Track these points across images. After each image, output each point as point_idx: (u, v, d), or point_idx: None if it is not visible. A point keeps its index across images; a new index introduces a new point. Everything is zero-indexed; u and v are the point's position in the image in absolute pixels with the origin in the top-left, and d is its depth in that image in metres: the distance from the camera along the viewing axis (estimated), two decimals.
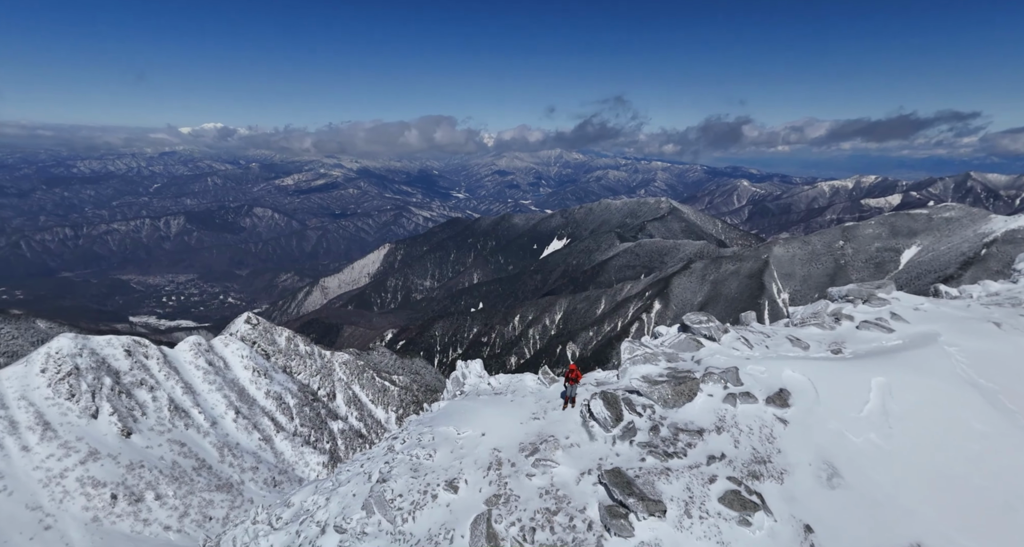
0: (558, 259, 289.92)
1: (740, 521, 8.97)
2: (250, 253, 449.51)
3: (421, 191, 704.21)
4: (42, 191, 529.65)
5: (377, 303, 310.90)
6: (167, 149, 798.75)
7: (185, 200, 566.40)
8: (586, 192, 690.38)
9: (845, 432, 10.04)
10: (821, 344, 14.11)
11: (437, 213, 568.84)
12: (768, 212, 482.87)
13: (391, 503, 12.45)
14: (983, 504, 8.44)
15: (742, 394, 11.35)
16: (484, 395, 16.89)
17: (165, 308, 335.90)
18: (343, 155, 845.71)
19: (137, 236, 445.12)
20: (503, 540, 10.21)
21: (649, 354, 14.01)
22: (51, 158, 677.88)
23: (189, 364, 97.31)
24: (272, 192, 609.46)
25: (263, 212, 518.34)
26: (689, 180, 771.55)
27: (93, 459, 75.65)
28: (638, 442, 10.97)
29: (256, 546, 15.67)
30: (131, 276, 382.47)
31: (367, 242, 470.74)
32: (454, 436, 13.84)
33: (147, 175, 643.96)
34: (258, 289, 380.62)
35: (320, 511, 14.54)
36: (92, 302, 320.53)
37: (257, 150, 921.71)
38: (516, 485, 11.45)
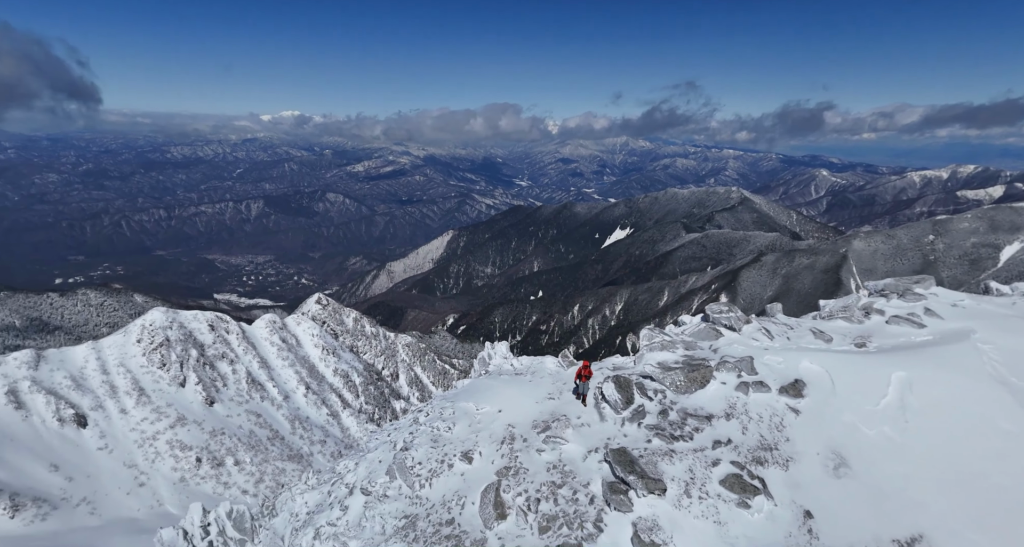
0: (620, 249, 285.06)
1: (739, 503, 9.17)
2: (323, 237, 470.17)
3: (485, 179, 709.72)
4: (140, 174, 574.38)
5: (440, 288, 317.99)
6: (249, 136, 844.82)
7: (264, 185, 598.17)
8: (651, 181, 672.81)
9: (858, 424, 9.98)
10: (845, 337, 13.90)
11: (500, 201, 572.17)
12: (849, 204, 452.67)
13: (411, 470, 13.47)
14: (1000, 502, 8.19)
15: (755, 383, 11.42)
16: (505, 375, 17.63)
17: (245, 287, 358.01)
18: (411, 142, 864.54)
19: (221, 218, 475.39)
20: (509, 508, 11.01)
21: (667, 342, 14.16)
22: (148, 144, 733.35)
23: (265, 340, 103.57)
24: (344, 178, 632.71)
25: (335, 197, 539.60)
26: (763, 169, 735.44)
27: (181, 424, 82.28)
28: (646, 425, 11.33)
29: (293, 502, 17.32)
30: (216, 256, 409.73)
31: (432, 228, 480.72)
32: (473, 411, 14.77)
33: (231, 160, 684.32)
34: (329, 271, 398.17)
35: (349, 474, 15.95)
36: (182, 279, 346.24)
37: (330, 137, 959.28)
38: (526, 459, 12.21)
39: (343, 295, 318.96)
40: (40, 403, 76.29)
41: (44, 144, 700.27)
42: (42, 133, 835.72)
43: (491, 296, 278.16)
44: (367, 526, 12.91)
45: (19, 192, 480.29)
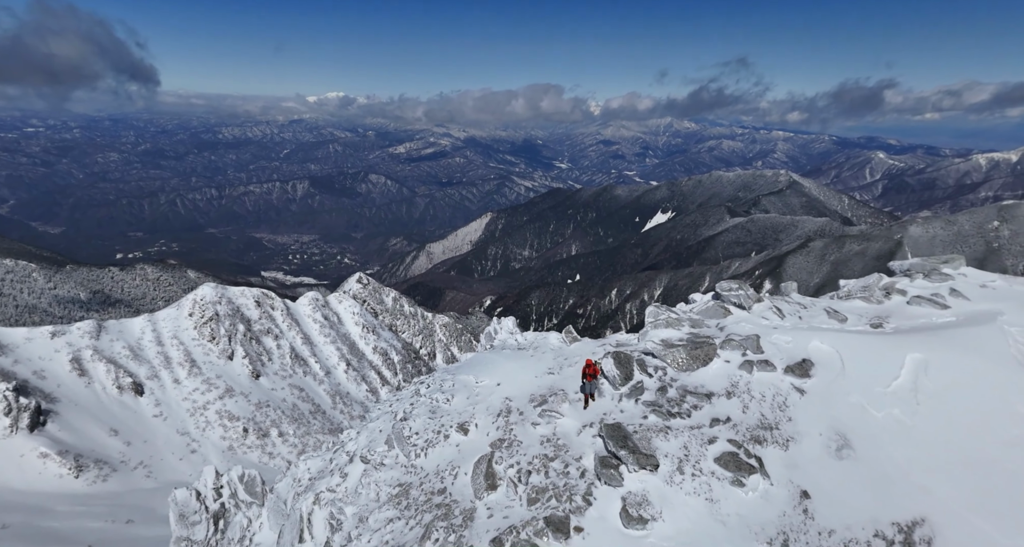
0: (661, 233, 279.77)
1: (733, 482, 9.03)
2: (365, 217, 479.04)
3: (524, 161, 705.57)
4: (194, 155, 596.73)
5: (477, 270, 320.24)
6: (295, 117, 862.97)
7: (310, 165, 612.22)
8: (696, 163, 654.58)
9: (866, 406, 9.63)
10: (861, 318, 13.36)
11: (539, 183, 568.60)
12: (906, 188, 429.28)
13: (408, 440, 13.82)
14: (1010, 488, 7.86)
15: (760, 362, 11.12)
16: (509, 350, 17.69)
17: (291, 265, 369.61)
18: (451, 124, 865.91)
19: (269, 198, 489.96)
20: (500, 479, 11.15)
21: (673, 319, 13.89)
22: (201, 125, 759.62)
23: (308, 317, 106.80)
24: (386, 159, 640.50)
25: (377, 178, 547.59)
26: (814, 151, 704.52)
27: (229, 396, 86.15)
28: (643, 401, 11.20)
29: (297, 467, 18.27)
30: (263, 234, 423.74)
31: (471, 210, 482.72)
32: (472, 384, 14.93)
33: (278, 141, 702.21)
34: (371, 251, 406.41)
35: (351, 443, 16.56)
36: (231, 256, 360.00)
37: (374, 118, 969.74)
38: (521, 432, 12.30)
39: (384, 275, 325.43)
40: (101, 371, 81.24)
41: (106, 124, 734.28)
42: (105, 113, 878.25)
43: (528, 279, 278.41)
44: (363, 493, 13.36)
45: (84, 170, 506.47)
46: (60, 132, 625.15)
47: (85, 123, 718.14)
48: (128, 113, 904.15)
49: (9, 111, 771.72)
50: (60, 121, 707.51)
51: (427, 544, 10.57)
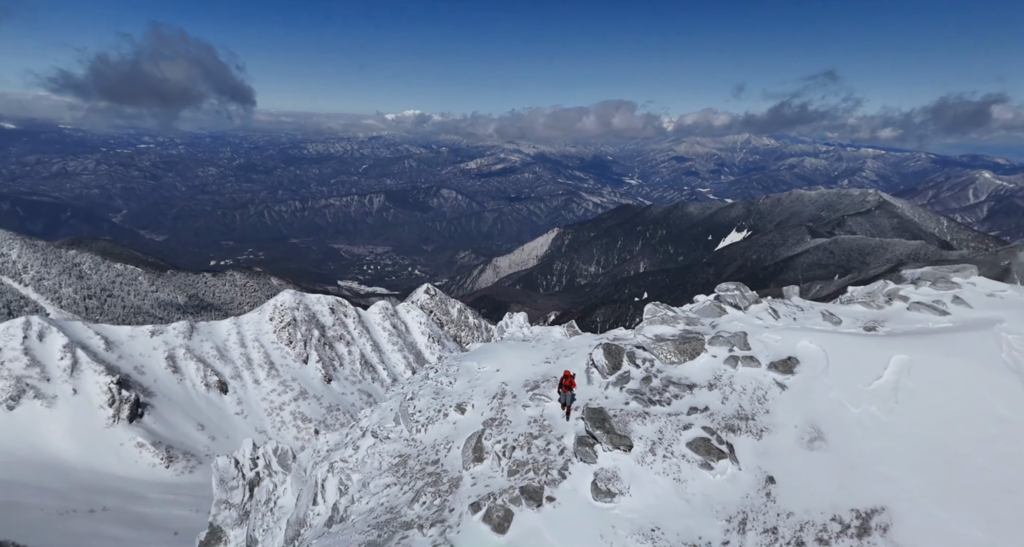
0: (735, 252, 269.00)
1: (702, 465, 9.54)
2: (435, 230, 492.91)
3: (593, 177, 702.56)
4: (281, 169, 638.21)
5: (543, 285, 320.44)
6: (374, 134, 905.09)
7: (386, 180, 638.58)
8: (775, 181, 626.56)
9: (844, 402, 9.91)
10: (857, 321, 13.59)
11: (607, 199, 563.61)
12: (1017, 210, 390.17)
13: (412, 417, 15.53)
14: (977, 483, 8.00)
15: (745, 357, 11.51)
16: (515, 341, 19.03)
17: (365, 275, 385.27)
18: (522, 140, 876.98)
19: (347, 211, 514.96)
20: (487, 453, 12.39)
21: (669, 316, 14.49)
22: (289, 141, 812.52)
23: (378, 325, 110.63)
24: (457, 175, 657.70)
25: (448, 193, 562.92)
26: (908, 170, 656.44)
27: (303, 398, 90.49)
28: (628, 389, 11.88)
29: (317, 440, 20.53)
30: (341, 245, 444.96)
31: (538, 225, 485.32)
32: (475, 369, 16.50)
33: (358, 157, 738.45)
34: (440, 264, 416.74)
35: (365, 419, 18.64)
36: (311, 266, 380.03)
37: (447, 135, 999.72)
38: (512, 413, 13.59)
39: (451, 287, 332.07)
40: (192, 369, 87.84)
41: (207, 141, 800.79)
42: (206, 131, 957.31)
43: (594, 295, 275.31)
44: (368, 462, 15.03)
45: (186, 183, 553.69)
46: (168, 148, 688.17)
47: (189, 140, 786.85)
48: (226, 130, 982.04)
49: (126, 129, 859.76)
50: (168, 138, 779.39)
51: (415, 506, 11.90)
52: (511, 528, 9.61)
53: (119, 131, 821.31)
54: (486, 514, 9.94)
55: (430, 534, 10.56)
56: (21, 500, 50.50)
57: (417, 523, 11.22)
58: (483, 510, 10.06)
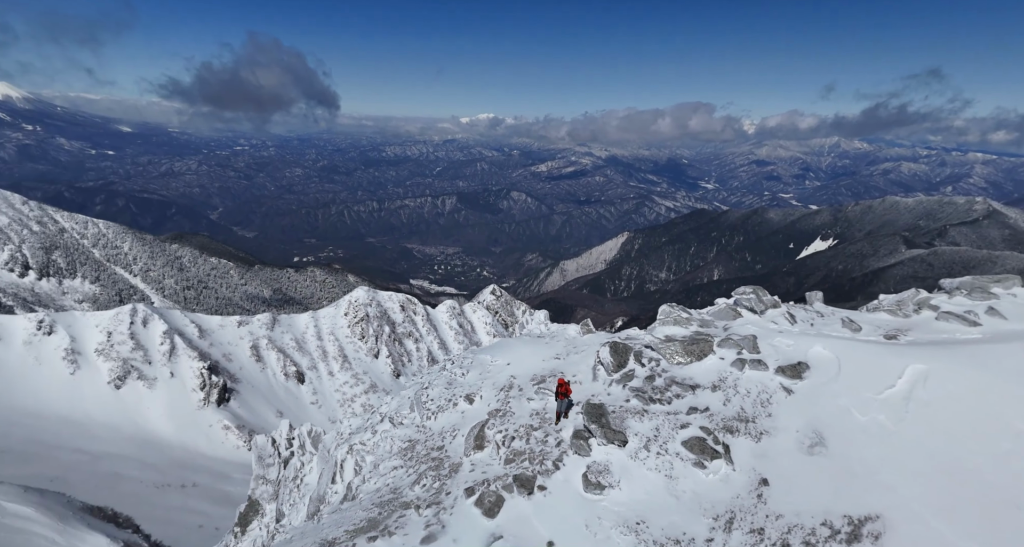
0: (819, 261, 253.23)
1: (696, 463, 9.61)
2: (504, 233, 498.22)
3: (667, 180, 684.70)
4: (361, 171, 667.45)
5: (610, 289, 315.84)
6: (449, 137, 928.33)
7: (458, 182, 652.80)
8: (866, 187, 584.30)
9: (852, 409, 9.59)
10: (878, 329, 12.92)
11: (681, 204, 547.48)
12: None
13: (424, 405, 16.58)
14: (985, 499, 7.58)
15: (753, 361, 11.27)
16: (530, 336, 19.74)
17: (435, 275, 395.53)
18: (594, 143, 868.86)
19: (421, 212, 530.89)
20: (488, 442, 13.05)
21: (682, 318, 14.46)
22: (369, 143, 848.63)
23: (445, 324, 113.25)
24: (527, 178, 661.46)
25: (518, 196, 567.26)
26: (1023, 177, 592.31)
27: (373, 391, 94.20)
28: (630, 387, 12.02)
29: (341, 424, 22.29)
30: (414, 245, 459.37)
31: (607, 229, 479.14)
32: (488, 363, 17.24)
33: (433, 159, 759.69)
34: (508, 266, 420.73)
35: (384, 406, 20.08)
36: (385, 264, 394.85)
37: (519, 138, 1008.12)
38: (516, 405, 14.18)
39: (518, 289, 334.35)
40: (273, 359, 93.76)
41: (295, 143, 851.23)
42: (294, 134, 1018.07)
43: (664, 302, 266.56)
44: (381, 445, 16.23)
45: (275, 183, 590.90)
46: (260, 150, 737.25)
47: (279, 142, 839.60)
48: (312, 133, 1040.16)
49: (224, 132, 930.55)
50: (260, 141, 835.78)
51: (416, 488, 12.72)
52: (501, 513, 10.08)
53: (219, 134, 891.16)
54: (479, 499, 10.50)
55: (425, 514, 11.28)
56: (125, 472, 55.96)
57: (415, 504, 11.95)
58: (476, 495, 10.66)
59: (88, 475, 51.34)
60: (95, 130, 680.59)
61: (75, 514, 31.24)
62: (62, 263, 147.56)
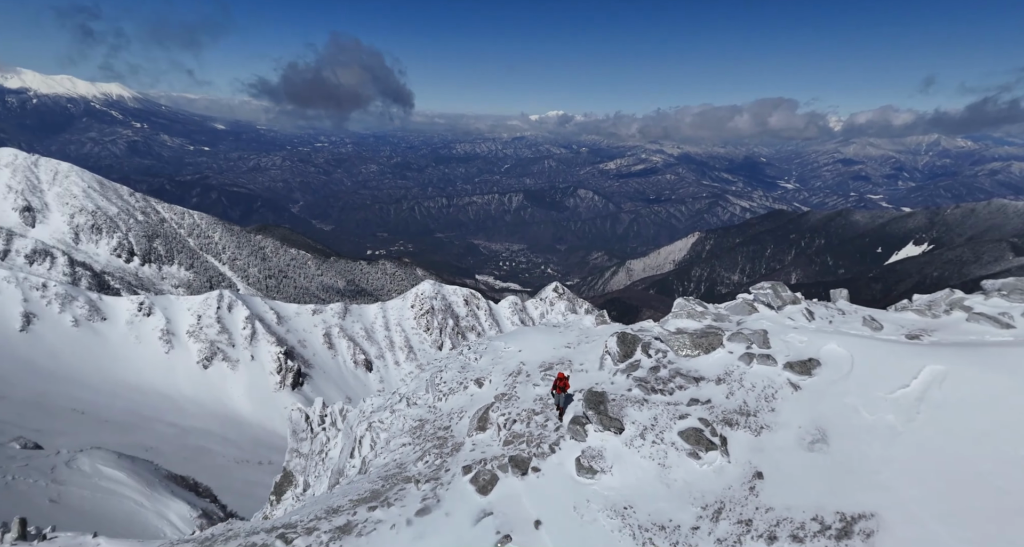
0: (911, 267, 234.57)
1: (691, 454, 9.59)
2: (570, 231, 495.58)
3: (743, 179, 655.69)
4: (432, 167, 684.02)
5: (679, 291, 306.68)
6: (518, 134, 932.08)
7: (525, 179, 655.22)
8: (969, 188, 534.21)
9: (860, 408, 9.26)
10: (902, 328, 12.35)
11: (757, 204, 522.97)
12: None
13: (437, 387, 17.45)
14: (990, 504, 7.19)
15: (762, 356, 11.05)
16: (547, 326, 20.16)
17: (500, 271, 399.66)
18: (665, 140, 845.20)
19: (488, 208, 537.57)
20: (490, 424, 13.63)
21: (696, 312, 14.23)
22: (440, 141, 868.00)
23: (507, 319, 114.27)
24: (595, 175, 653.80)
25: (585, 193, 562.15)
26: None
27: None
28: (634, 376, 12.08)
29: (363, 402, 23.68)
30: (480, 241, 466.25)
31: (677, 229, 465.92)
32: (501, 349, 17.90)
33: (501, 157, 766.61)
34: (572, 264, 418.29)
35: (403, 387, 21.67)
36: (452, 259, 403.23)
37: (588, 135, 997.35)
38: (521, 390, 14.76)
39: (582, 287, 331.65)
40: (344, 346, 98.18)
41: (371, 141, 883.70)
42: (370, 131, 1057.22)
43: None
44: (395, 424, 17.32)
45: (351, 179, 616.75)
46: (338, 147, 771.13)
47: (356, 139, 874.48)
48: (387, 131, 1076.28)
49: (306, 129, 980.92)
50: (339, 138, 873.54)
51: (419, 464, 13.51)
52: (494, 491, 10.58)
53: (301, 131, 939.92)
54: (474, 476, 11.07)
55: (423, 489, 12.01)
56: (210, 447, 60.61)
57: (416, 478, 12.67)
58: (472, 473, 11.22)
59: (178, 447, 56.04)
60: (194, 128, 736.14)
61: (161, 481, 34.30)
62: (162, 250, 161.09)
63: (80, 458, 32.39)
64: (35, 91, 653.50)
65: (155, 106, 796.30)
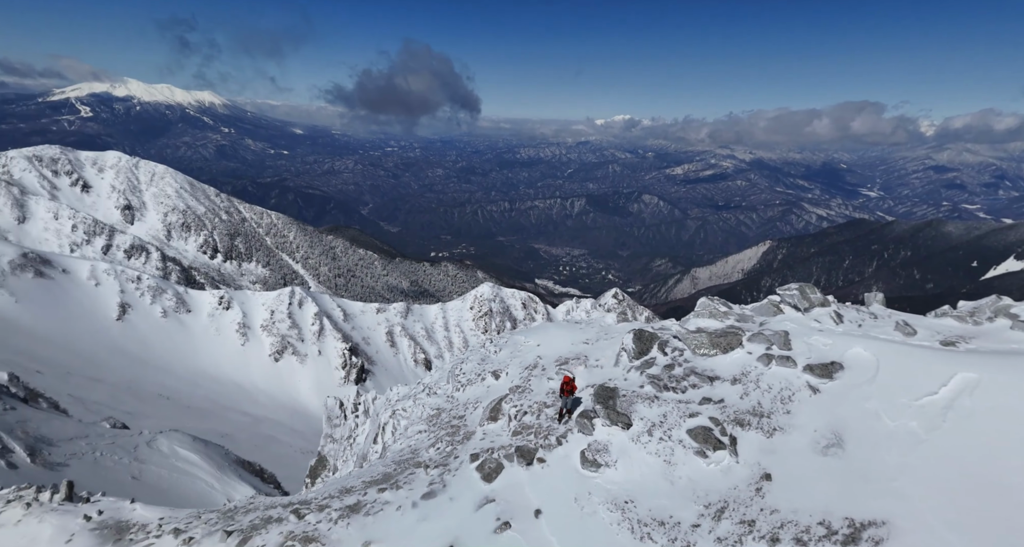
0: (1011, 284, 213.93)
1: (698, 452, 9.42)
2: (633, 236, 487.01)
3: (820, 186, 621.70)
4: (495, 172, 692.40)
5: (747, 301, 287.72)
6: (583, 139, 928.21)
7: (588, 184, 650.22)
8: None
9: (881, 414, 8.72)
10: (937, 334, 11.50)
11: (836, 212, 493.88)
12: None
13: (457, 378, 18.07)
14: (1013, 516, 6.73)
15: (781, 357, 10.65)
16: (568, 322, 20.42)
17: (560, 276, 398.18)
18: (737, 145, 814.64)
19: (549, 213, 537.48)
20: (502, 415, 13.97)
21: (719, 311, 13.94)
22: (504, 146, 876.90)
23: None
24: (661, 180, 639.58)
25: (650, 199, 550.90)
26: None
27: None
28: (648, 374, 12.00)
29: (390, 391, 25.20)
30: (541, 246, 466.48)
31: (746, 237, 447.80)
32: (521, 343, 18.33)
33: (564, 161, 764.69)
34: (634, 270, 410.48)
35: (427, 378, 22.52)
36: (512, 263, 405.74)
37: (655, 140, 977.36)
38: (536, 383, 15.02)
39: (644, 295, 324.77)
40: (405, 345, 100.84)
41: (438, 145, 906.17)
42: (437, 136, 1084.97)
43: None
44: (414, 412, 18.10)
45: (418, 182, 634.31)
46: (407, 151, 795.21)
47: (424, 144, 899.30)
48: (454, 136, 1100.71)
49: (378, 134, 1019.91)
50: (408, 143, 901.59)
51: (431, 450, 13.99)
52: (498, 479, 10.84)
53: (372, 136, 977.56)
54: (480, 464, 11.36)
55: (432, 474, 12.48)
56: (279, 437, 63.91)
57: (426, 464, 13.16)
58: (479, 461, 11.53)
59: (250, 435, 59.45)
60: (275, 132, 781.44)
61: (230, 465, 36.46)
62: (242, 248, 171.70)
63: (160, 439, 35.02)
64: (139, 99, 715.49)
65: (242, 112, 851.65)
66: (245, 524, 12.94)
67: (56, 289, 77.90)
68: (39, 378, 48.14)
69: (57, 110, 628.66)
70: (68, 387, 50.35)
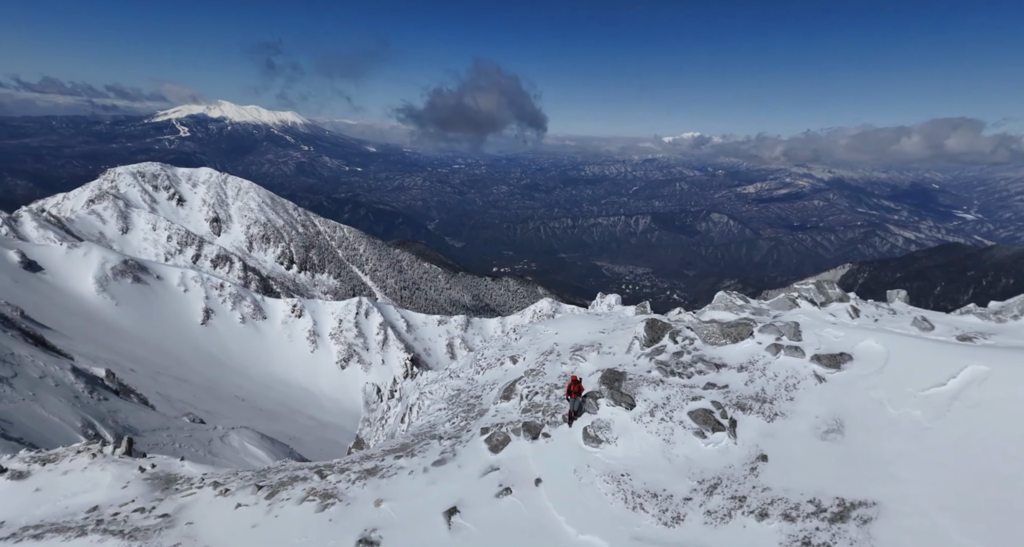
0: None
1: (697, 433, 9.72)
2: (700, 256, 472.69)
3: (908, 207, 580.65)
4: (559, 189, 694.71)
5: None
6: (649, 156, 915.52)
7: (654, 202, 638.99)
8: None
9: (885, 402, 8.74)
10: (956, 330, 11.53)
11: (926, 235, 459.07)
12: None
13: (478, 362, 19.89)
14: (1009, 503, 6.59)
15: (790, 347, 10.75)
16: (589, 315, 21.48)
17: (623, 294, 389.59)
18: (814, 164, 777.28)
19: (613, 230, 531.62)
20: (514, 395, 14.85)
21: (735, 304, 14.28)
22: (569, 163, 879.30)
23: None
24: (732, 199, 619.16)
25: (719, 218, 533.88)
26: None
27: None
28: (657, 360, 12.37)
29: (420, 376, 26.70)
30: (603, 263, 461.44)
31: (824, 259, 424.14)
32: (540, 331, 19.40)
33: (630, 179, 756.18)
34: (701, 291, 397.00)
35: (453, 364, 25.02)
36: (574, 280, 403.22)
37: (726, 158, 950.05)
38: (550, 367, 15.87)
39: None
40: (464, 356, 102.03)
41: (503, 162, 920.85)
42: (503, 154, 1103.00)
43: None
44: (438, 392, 19.64)
45: (483, 198, 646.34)
46: (473, 169, 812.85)
47: (489, 162, 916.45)
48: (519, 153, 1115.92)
49: (446, 152, 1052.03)
50: (475, 160, 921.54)
51: (446, 425, 15.34)
52: (504, 451, 11.65)
53: (441, 153, 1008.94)
54: (489, 437, 12.22)
55: (444, 444, 13.47)
56: (343, 442, 66.07)
57: (440, 436, 14.22)
58: (488, 434, 12.39)
59: (315, 439, 61.88)
60: (350, 150, 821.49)
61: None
62: (315, 259, 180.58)
63: (231, 434, 37.22)
64: (230, 119, 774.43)
65: (320, 131, 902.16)
66: (275, 481, 14.39)
67: (150, 294, 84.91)
68: (132, 376, 52.47)
69: (160, 130, 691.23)
70: (157, 385, 54.52)
